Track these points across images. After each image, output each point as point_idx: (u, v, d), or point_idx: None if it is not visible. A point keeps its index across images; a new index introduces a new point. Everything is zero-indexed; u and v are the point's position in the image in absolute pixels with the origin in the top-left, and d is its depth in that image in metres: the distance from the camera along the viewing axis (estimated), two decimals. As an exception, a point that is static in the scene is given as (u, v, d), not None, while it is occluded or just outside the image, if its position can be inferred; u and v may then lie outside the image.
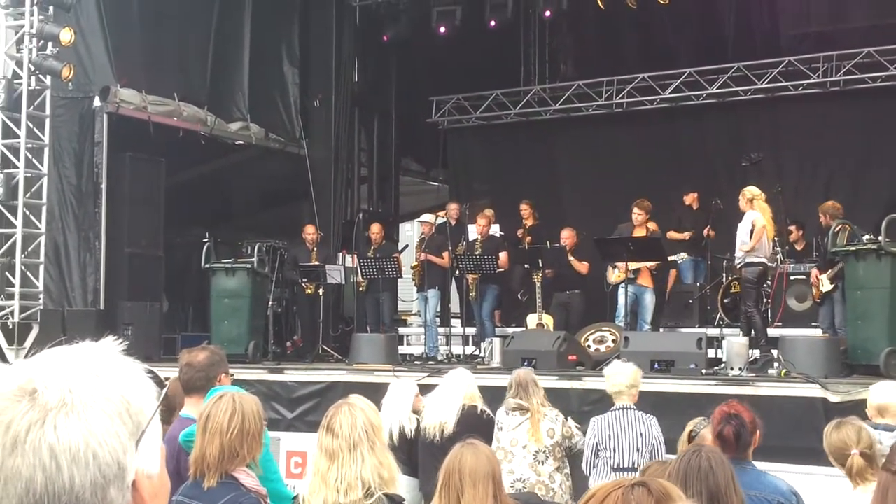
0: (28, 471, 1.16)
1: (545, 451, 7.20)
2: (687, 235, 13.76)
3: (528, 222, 14.87)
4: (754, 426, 4.66)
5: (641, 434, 6.82)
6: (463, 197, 17.59)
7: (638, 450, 6.79)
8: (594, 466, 6.98)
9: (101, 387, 1.21)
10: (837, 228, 10.88)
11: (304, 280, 14.12)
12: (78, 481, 1.17)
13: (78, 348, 1.26)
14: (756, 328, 11.47)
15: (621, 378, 7.14)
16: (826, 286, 11.63)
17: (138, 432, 1.23)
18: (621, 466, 6.80)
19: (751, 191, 11.50)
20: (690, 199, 14.28)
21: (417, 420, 7.55)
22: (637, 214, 12.70)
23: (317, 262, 14.16)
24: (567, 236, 13.66)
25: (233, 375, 5.28)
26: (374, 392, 7.99)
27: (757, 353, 11.11)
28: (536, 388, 7.38)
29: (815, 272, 11.98)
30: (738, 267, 11.70)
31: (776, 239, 13.28)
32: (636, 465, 6.67)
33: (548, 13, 16.91)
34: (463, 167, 18.97)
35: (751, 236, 11.22)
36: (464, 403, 7.43)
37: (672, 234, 13.83)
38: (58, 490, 1.16)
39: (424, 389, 8.03)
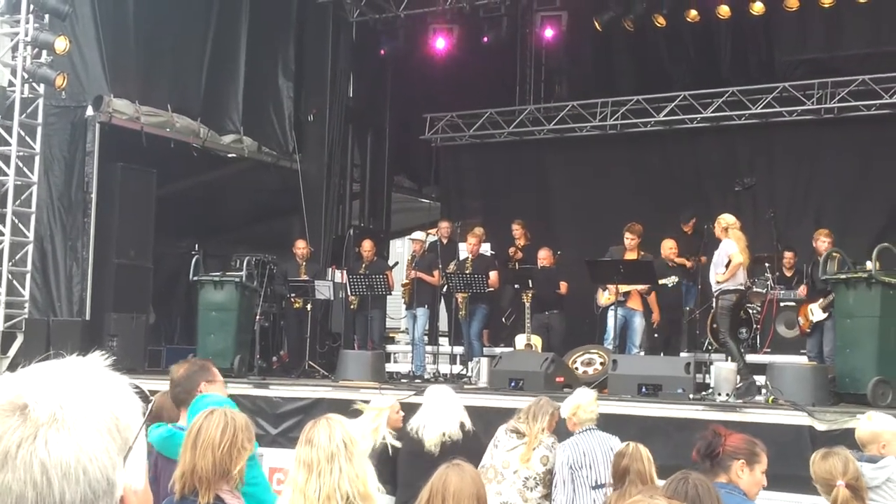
0: (19, 486, 1.16)
1: (535, 477, 7.15)
2: (689, 264, 13.66)
3: (521, 242, 14.85)
4: (735, 448, 4.61)
5: (612, 448, 6.82)
6: (455, 215, 17.59)
7: (607, 467, 6.80)
8: (573, 490, 6.93)
9: (90, 402, 1.22)
10: (832, 256, 10.88)
11: (293, 295, 14.07)
12: (68, 497, 1.17)
13: (66, 363, 1.27)
14: (732, 354, 11.44)
15: (592, 407, 7.20)
16: (818, 315, 11.59)
17: (126, 448, 1.24)
18: (599, 483, 6.84)
19: (725, 219, 11.45)
20: (688, 226, 14.25)
21: (396, 437, 7.48)
22: (629, 239, 12.65)
23: (306, 277, 14.12)
24: (544, 256, 13.66)
25: (212, 382, 5.13)
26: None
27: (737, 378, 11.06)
28: (544, 419, 7.30)
29: (805, 304, 11.92)
30: (715, 295, 11.65)
31: (767, 265, 13.29)
32: (610, 482, 6.68)
33: (549, 32, 16.93)
34: (455, 185, 18.98)
35: (726, 267, 11.20)
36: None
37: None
38: None
39: (411, 408, 7.95)
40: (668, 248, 13.32)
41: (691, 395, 10.36)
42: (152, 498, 1.35)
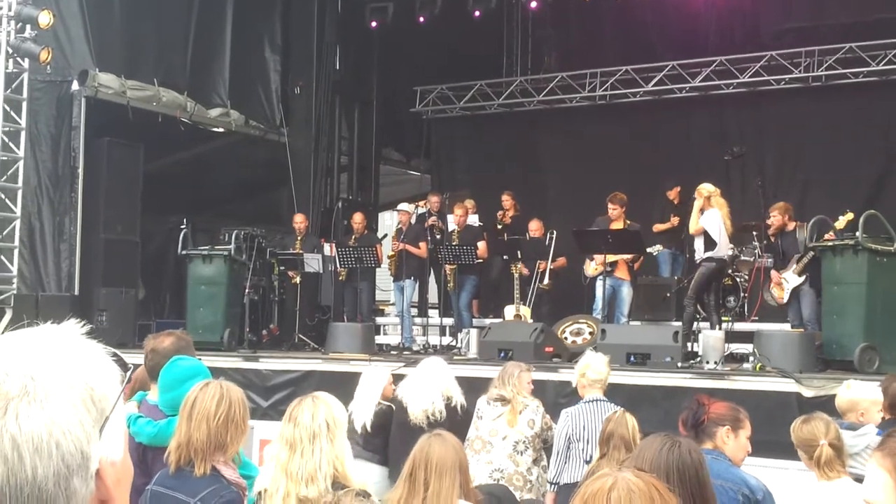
0: None
1: (525, 441, 7.15)
2: (676, 221, 13.71)
3: (510, 213, 14.87)
4: (720, 415, 4.65)
5: None
6: (445, 187, 17.58)
7: None
8: (566, 460, 6.92)
9: (63, 373, 1.17)
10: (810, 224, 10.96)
11: (283, 268, 14.08)
12: (41, 472, 1.13)
13: (39, 332, 1.21)
14: (685, 318, 11.49)
15: (601, 368, 7.08)
16: (794, 281, 11.59)
17: (102, 419, 1.19)
18: (593, 458, 6.72)
19: (706, 188, 11.45)
20: (673, 193, 14.26)
21: (391, 407, 7.49)
22: (612, 209, 12.67)
23: (298, 251, 14.11)
24: (535, 228, 13.67)
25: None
26: (350, 381, 7.97)
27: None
28: (518, 382, 7.32)
29: (774, 274, 11.86)
30: (697, 262, 11.67)
31: (755, 234, 13.32)
32: None
33: (534, 4, 16.86)
34: (446, 157, 18.96)
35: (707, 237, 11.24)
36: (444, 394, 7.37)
37: (658, 227, 13.85)
38: (20, 482, 1.12)
39: (398, 379, 7.98)
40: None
41: (679, 364, 10.42)
42: (132, 469, 1.30)
